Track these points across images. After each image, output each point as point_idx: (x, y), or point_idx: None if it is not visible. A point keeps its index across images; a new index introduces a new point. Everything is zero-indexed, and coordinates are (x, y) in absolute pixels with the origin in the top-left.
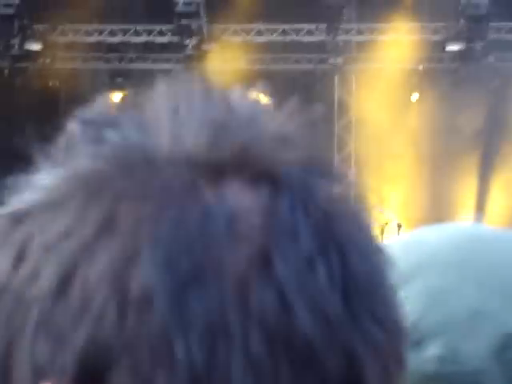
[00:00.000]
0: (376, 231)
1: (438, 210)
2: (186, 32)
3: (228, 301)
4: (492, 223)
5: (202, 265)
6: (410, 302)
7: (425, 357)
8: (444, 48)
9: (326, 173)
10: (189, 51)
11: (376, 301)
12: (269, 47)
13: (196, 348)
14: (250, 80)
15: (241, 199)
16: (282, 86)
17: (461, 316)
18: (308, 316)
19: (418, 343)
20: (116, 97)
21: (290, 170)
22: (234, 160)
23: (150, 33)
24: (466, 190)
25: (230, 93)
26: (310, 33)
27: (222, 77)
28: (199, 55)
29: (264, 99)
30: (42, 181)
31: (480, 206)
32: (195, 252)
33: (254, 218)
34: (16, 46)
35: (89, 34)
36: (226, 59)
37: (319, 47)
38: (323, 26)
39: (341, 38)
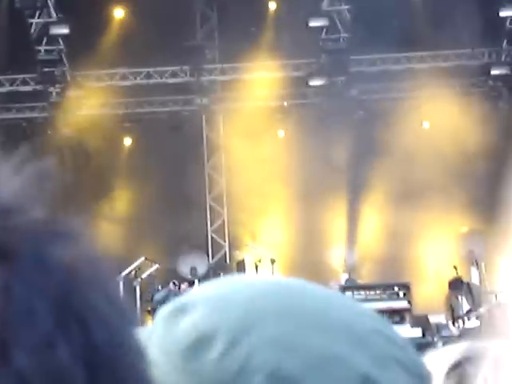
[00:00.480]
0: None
1: (310, 244)
2: (50, 79)
3: None
4: (363, 252)
5: None
6: (257, 354)
7: None
8: (307, 83)
9: (61, 237)
10: (53, 99)
11: (121, 366)
12: (134, 91)
13: None
14: (117, 124)
15: None
16: (150, 127)
17: (314, 362)
18: None
19: None
20: None
21: (22, 242)
22: None
23: (13, 82)
24: (337, 222)
25: None
26: (174, 75)
27: (88, 123)
28: (64, 102)
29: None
30: None
31: (351, 237)
32: None
33: None
34: None
35: None
36: (92, 105)
37: (184, 89)
38: (187, 67)
39: (205, 78)
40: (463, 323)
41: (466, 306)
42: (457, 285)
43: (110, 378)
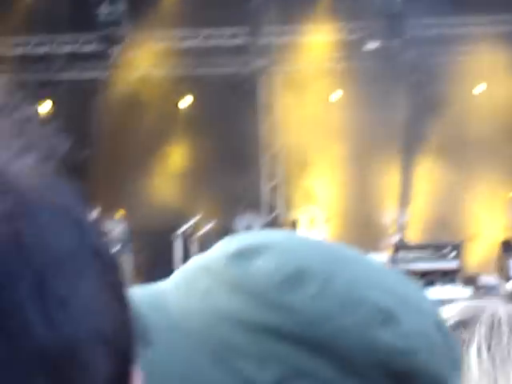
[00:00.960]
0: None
1: (363, 204)
2: (110, 40)
3: None
4: (416, 212)
5: None
6: (357, 288)
7: (395, 334)
8: (362, 47)
9: None
10: (113, 59)
11: (4, 312)
12: (192, 52)
13: None
14: (175, 85)
15: None
16: (208, 89)
17: (403, 300)
18: None
19: (385, 323)
20: (43, 107)
21: None
22: None
23: (74, 43)
24: (390, 182)
25: None
26: (232, 36)
27: (147, 83)
28: (124, 63)
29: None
30: None
31: (403, 197)
32: None
33: None
34: None
35: (15, 46)
36: (151, 66)
37: (242, 50)
38: (245, 29)
39: (263, 40)
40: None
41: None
42: (509, 246)
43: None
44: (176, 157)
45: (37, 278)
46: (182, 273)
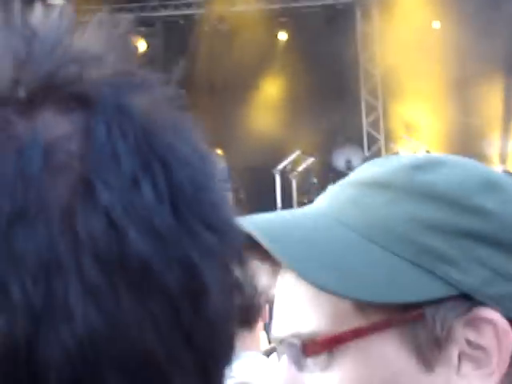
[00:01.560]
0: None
1: (465, 135)
2: None
3: (56, 234)
4: None
5: (25, 203)
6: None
7: None
8: None
9: (138, 86)
10: None
11: (205, 206)
12: None
13: (31, 287)
14: (272, 19)
15: (54, 128)
16: (305, 21)
17: None
18: (138, 235)
19: None
20: (141, 45)
21: (101, 89)
22: (41, 89)
23: None
24: (493, 112)
25: (32, 15)
26: None
27: (243, 18)
28: None
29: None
30: None
31: (506, 127)
32: (16, 192)
33: (70, 145)
34: None
35: None
36: (247, 0)
37: None
38: None
39: None
40: None
41: None
42: None
43: (193, 216)
44: (274, 91)
45: (219, 185)
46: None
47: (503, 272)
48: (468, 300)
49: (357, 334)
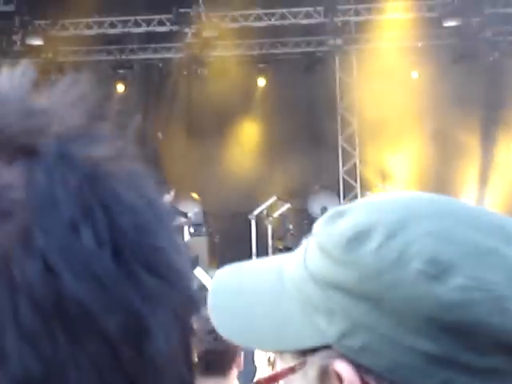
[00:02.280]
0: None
1: (441, 186)
2: (185, 20)
3: None
4: (495, 197)
5: None
6: (417, 243)
7: (446, 288)
8: (441, 24)
9: (87, 139)
10: (188, 39)
11: (149, 251)
12: (268, 32)
13: None
14: (251, 65)
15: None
16: (284, 68)
17: (470, 252)
18: (75, 279)
19: (438, 277)
20: (119, 88)
21: (47, 142)
22: None
23: (149, 23)
24: (469, 165)
25: None
26: (308, 15)
27: (222, 63)
28: (199, 43)
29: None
30: None
31: (483, 181)
32: None
33: (12, 194)
34: (18, 42)
35: (89, 26)
36: (226, 46)
37: (318, 30)
38: (321, 8)
39: (339, 19)
40: None
41: None
42: None
43: (135, 260)
44: (252, 136)
45: (168, 229)
46: None
47: (364, 323)
48: (332, 350)
49: (276, 377)
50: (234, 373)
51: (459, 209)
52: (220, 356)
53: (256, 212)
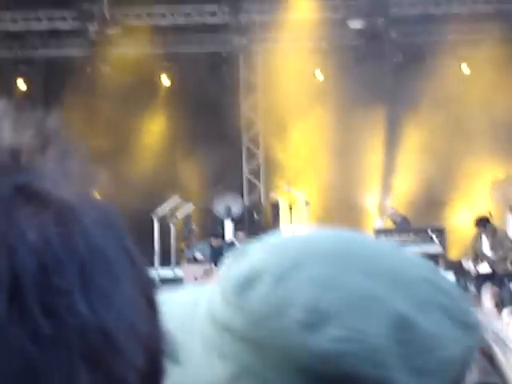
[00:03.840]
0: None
1: (345, 187)
2: (89, 17)
3: None
4: (399, 196)
5: None
6: (300, 290)
7: (321, 338)
8: (346, 25)
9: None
10: (92, 37)
11: (51, 292)
12: (173, 30)
13: None
14: (155, 63)
15: None
16: (189, 67)
17: (352, 300)
18: None
19: (315, 326)
20: (20, 84)
21: None
22: None
23: (51, 19)
24: (373, 166)
25: None
26: (212, 14)
27: (126, 61)
28: (103, 40)
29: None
30: None
31: (387, 181)
32: None
33: None
34: None
35: None
36: (130, 44)
37: (223, 28)
38: (226, 7)
39: (244, 18)
40: (476, 264)
41: (485, 248)
42: (483, 223)
43: (33, 302)
44: (155, 135)
45: (83, 269)
46: None
47: (250, 368)
48: None
49: None
50: None
51: (357, 249)
52: None
53: (159, 211)
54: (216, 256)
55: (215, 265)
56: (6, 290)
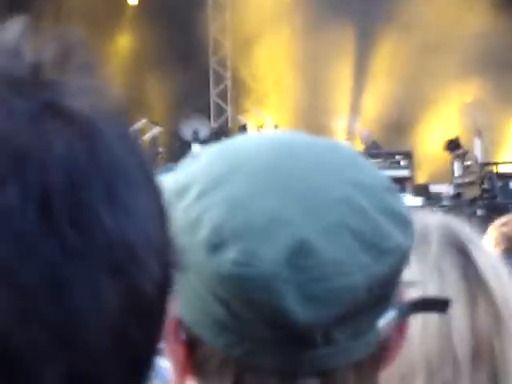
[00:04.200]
0: None
1: (313, 110)
2: None
3: None
4: (367, 120)
5: None
6: (214, 208)
7: (221, 260)
8: None
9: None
10: None
11: (79, 206)
12: None
13: None
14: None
15: None
16: None
17: (259, 222)
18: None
19: (218, 247)
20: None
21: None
22: None
23: None
24: (342, 89)
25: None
26: None
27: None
28: None
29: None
30: None
31: (355, 104)
32: None
33: None
34: None
35: None
36: None
37: None
38: None
39: None
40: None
41: (456, 171)
42: (452, 146)
43: (63, 217)
44: (122, 56)
45: (108, 184)
46: None
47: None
48: None
49: None
50: None
51: (288, 165)
52: None
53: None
54: None
55: None
56: (36, 202)
